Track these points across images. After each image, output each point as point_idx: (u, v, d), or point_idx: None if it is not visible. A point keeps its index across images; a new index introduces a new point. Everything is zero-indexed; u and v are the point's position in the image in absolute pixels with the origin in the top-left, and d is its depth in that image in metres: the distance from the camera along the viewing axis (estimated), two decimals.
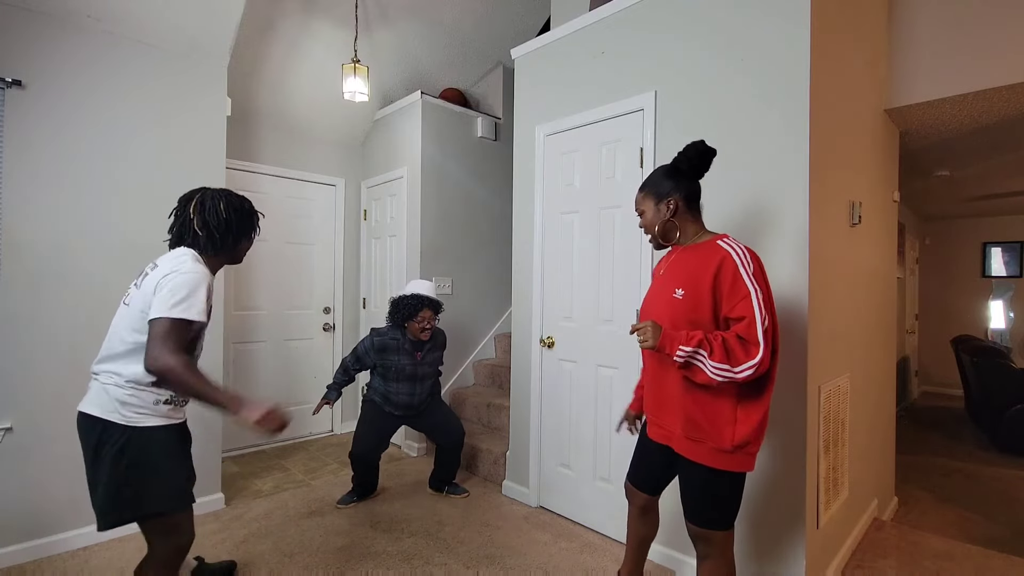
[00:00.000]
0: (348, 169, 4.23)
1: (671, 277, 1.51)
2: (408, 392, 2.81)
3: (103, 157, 2.43)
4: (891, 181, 2.95)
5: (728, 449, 1.36)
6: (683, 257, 1.52)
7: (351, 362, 2.86)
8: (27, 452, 2.23)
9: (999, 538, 2.71)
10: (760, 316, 1.29)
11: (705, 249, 1.45)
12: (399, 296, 2.80)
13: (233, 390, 1.49)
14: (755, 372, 1.28)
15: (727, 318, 1.36)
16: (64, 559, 2.25)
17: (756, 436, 1.36)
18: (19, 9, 2.21)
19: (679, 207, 1.52)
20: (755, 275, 1.35)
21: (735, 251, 1.38)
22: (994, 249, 6.31)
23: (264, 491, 3.03)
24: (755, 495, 2.00)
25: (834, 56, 2.07)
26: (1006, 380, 4.29)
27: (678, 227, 1.53)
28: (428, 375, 2.87)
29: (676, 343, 1.33)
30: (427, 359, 2.85)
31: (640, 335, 1.38)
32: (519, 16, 4.03)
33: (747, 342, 1.29)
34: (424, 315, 2.73)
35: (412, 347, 2.81)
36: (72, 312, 2.34)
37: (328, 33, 3.39)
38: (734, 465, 1.38)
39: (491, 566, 2.26)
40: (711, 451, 1.37)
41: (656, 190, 1.55)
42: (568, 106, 2.72)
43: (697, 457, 1.40)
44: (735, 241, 1.43)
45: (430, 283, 2.86)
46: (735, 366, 1.28)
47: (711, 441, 1.38)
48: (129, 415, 1.46)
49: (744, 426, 1.35)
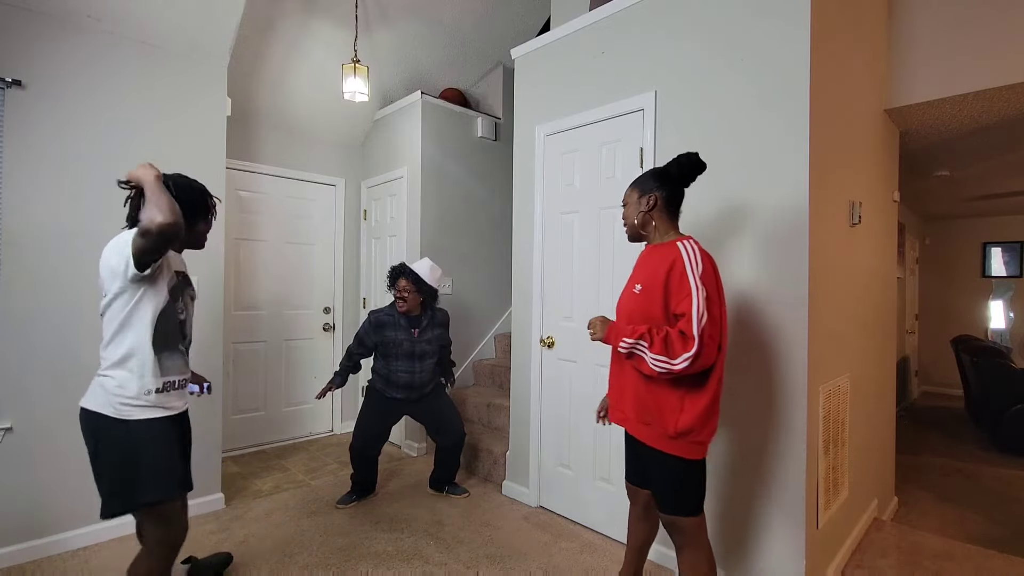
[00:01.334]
0: (348, 169, 4.23)
1: (636, 273, 1.65)
2: (407, 370, 2.81)
3: (103, 157, 2.43)
4: (891, 181, 2.95)
5: (672, 435, 1.48)
6: (647, 255, 1.64)
7: (354, 347, 2.90)
8: (27, 452, 2.23)
9: (999, 538, 2.71)
10: (697, 314, 1.39)
11: (664, 249, 1.56)
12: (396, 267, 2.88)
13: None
14: (691, 365, 1.38)
15: (673, 313, 1.48)
16: (64, 559, 2.25)
17: (700, 425, 1.47)
18: (19, 9, 2.21)
19: (658, 203, 1.62)
20: (702, 276, 1.45)
21: (687, 252, 1.49)
22: (994, 249, 6.31)
23: (264, 491, 3.03)
24: (755, 495, 2.00)
25: (834, 56, 2.07)
26: (1006, 380, 4.29)
27: (653, 222, 1.63)
28: (427, 353, 2.85)
29: (620, 335, 1.48)
30: (425, 336, 2.84)
31: (590, 329, 1.55)
32: (519, 16, 4.03)
33: (685, 336, 1.40)
34: (401, 284, 2.77)
35: (408, 323, 2.82)
36: (72, 312, 2.34)
37: (328, 33, 3.39)
38: (681, 451, 1.49)
39: (491, 566, 2.26)
40: (659, 435, 1.51)
41: (643, 186, 1.66)
42: (568, 106, 2.72)
43: (648, 440, 1.53)
44: (693, 243, 1.53)
45: (428, 262, 2.86)
46: (673, 358, 1.39)
47: (658, 426, 1.51)
48: (121, 408, 1.49)
49: (688, 415, 1.47)
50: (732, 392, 2.07)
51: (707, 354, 1.39)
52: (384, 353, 2.84)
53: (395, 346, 2.80)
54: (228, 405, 3.56)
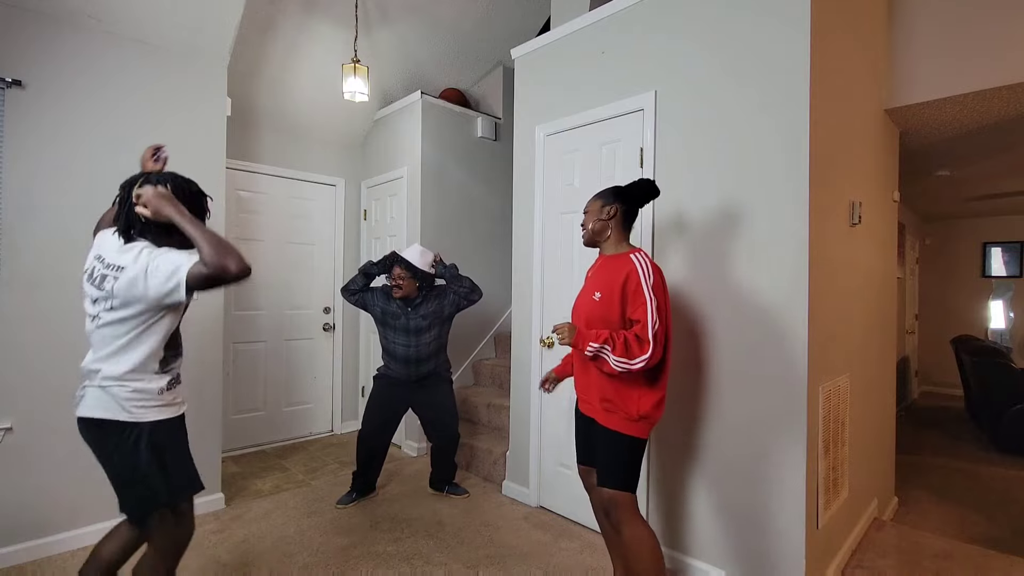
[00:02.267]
0: (348, 169, 4.23)
1: (594, 281, 1.84)
2: (404, 343, 2.84)
3: (103, 157, 2.43)
4: (891, 181, 2.95)
5: (635, 418, 1.70)
6: (604, 265, 1.83)
7: (362, 270, 2.95)
8: (27, 452, 2.23)
9: (999, 538, 2.71)
10: (652, 320, 1.62)
11: (619, 261, 1.76)
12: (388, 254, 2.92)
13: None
14: (646, 364, 1.61)
15: (629, 318, 1.70)
16: (64, 559, 2.25)
17: (654, 410, 1.73)
18: (19, 9, 2.21)
19: (617, 215, 1.80)
20: (654, 286, 1.67)
21: (640, 266, 1.70)
22: (994, 249, 6.31)
23: (264, 491, 3.03)
24: (755, 495, 2.00)
25: (834, 56, 2.07)
26: (1006, 380, 4.29)
27: (609, 231, 1.82)
28: (423, 328, 2.86)
29: (587, 340, 1.66)
30: (420, 311, 2.86)
31: (558, 334, 1.70)
32: (519, 16, 4.03)
33: (641, 340, 1.62)
34: (396, 271, 2.82)
35: (403, 300, 2.86)
36: (72, 312, 2.33)
37: (328, 33, 3.39)
38: (637, 431, 1.72)
39: (491, 566, 2.26)
40: (622, 419, 1.72)
41: (605, 198, 1.84)
42: (568, 106, 2.72)
43: (611, 424, 1.73)
44: (644, 256, 1.74)
45: (417, 248, 2.88)
46: (632, 359, 1.61)
47: (622, 412, 1.71)
48: (135, 410, 1.44)
49: (646, 401, 1.71)
50: (732, 392, 2.08)
51: (656, 353, 1.63)
52: (383, 322, 2.88)
53: (393, 318, 2.85)
54: (228, 405, 3.56)
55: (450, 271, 2.94)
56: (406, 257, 2.82)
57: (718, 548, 2.11)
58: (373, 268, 2.95)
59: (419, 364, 2.87)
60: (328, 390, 4.15)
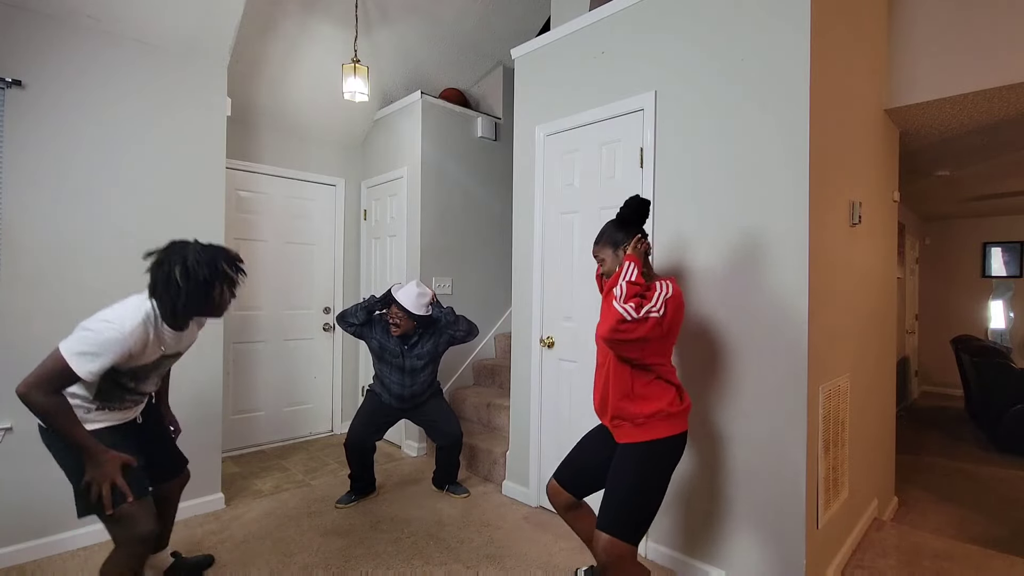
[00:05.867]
0: (348, 169, 4.23)
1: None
2: (399, 383, 2.83)
3: (103, 157, 2.43)
4: (891, 181, 2.95)
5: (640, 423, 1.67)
6: None
7: (364, 306, 2.90)
8: (27, 452, 2.23)
9: (999, 538, 2.71)
10: (655, 305, 1.56)
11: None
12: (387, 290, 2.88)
13: (95, 443, 1.58)
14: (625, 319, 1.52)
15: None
16: (64, 559, 2.25)
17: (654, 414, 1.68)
18: (19, 9, 2.21)
19: (634, 243, 1.71)
20: (668, 299, 1.61)
21: (663, 284, 1.65)
22: (994, 249, 6.31)
23: (264, 491, 3.03)
24: (755, 495, 2.00)
25: (834, 56, 2.07)
26: (1006, 380, 4.29)
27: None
28: (418, 368, 2.85)
29: (626, 273, 1.62)
30: (416, 351, 2.84)
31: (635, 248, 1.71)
32: (519, 16, 4.03)
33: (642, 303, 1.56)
34: (394, 310, 2.79)
35: (400, 339, 2.84)
36: (72, 312, 2.32)
37: (328, 33, 3.39)
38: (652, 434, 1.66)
39: (491, 566, 2.26)
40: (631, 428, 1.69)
41: (612, 239, 1.77)
42: (568, 106, 2.72)
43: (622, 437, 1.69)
44: (669, 280, 1.67)
45: (414, 289, 2.80)
46: (625, 302, 1.55)
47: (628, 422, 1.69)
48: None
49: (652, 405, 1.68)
50: (733, 392, 2.08)
51: (636, 329, 1.53)
52: (380, 357, 2.87)
53: (391, 355, 2.83)
54: (228, 405, 3.56)
55: (446, 315, 2.90)
56: (402, 302, 2.76)
57: (718, 548, 2.11)
58: (375, 305, 2.90)
59: (413, 398, 2.90)
60: (328, 390, 4.16)
